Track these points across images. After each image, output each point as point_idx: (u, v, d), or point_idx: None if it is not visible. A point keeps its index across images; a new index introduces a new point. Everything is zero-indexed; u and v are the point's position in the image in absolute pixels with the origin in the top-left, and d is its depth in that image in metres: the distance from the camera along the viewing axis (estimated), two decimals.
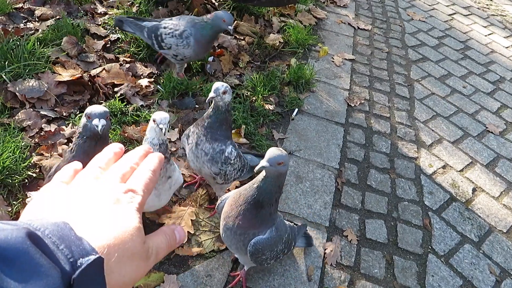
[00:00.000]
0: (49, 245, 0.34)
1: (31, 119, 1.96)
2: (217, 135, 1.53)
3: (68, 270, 0.33)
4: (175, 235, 0.49)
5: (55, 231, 0.35)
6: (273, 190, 1.26)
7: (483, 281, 1.85)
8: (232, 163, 1.59)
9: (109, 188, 0.45)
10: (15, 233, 0.32)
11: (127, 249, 0.40)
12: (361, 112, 2.68)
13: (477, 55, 3.75)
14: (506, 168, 2.52)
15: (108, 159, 0.52)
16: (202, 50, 2.26)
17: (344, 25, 3.68)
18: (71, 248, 0.35)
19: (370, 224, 1.97)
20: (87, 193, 0.45)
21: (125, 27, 2.33)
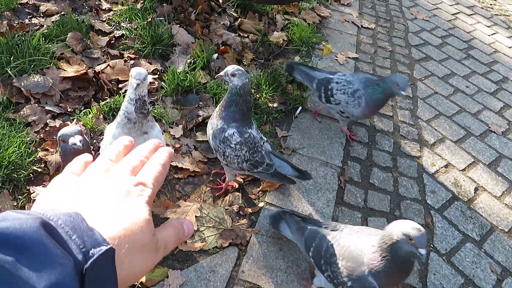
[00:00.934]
0: (62, 235, 0.34)
1: (36, 115, 1.98)
2: (224, 114, 1.62)
3: (80, 260, 0.34)
4: (183, 228, 0.50)
5: (68, 221, 0.36)
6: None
7: (484, 279, 1.86)
8: (232, 147, 1.63)
9: (120, 181, 0.46)
10: (30, 222, 0.33)
11: (137, 240, 0.41)
12: None
13: (480, 54, 3.75)
14: (508, 167, 2.52)
15: (118, 151, 0.53)
16: (370, 113, 2.19)
17: (348, 23, 3.68)
18: (83, 239, 0.35)
19: (373, 222, 1.98)
20: (98, 185, 0.46)
21: (294, 73, 2.38)
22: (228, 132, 1.62)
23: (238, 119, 1.62)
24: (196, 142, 2.10)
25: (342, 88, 2.15)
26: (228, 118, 1.62)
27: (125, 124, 1.43)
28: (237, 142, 1.63)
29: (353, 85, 2.13)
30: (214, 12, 3.09)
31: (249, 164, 1.68)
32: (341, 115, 2.24)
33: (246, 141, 1.64)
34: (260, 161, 1.68)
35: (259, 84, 2.50)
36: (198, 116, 2.21)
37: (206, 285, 1.55)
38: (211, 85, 2.38)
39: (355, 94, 2.12)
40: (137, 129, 1.44)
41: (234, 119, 1.62)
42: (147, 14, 2.77)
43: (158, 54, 2.54)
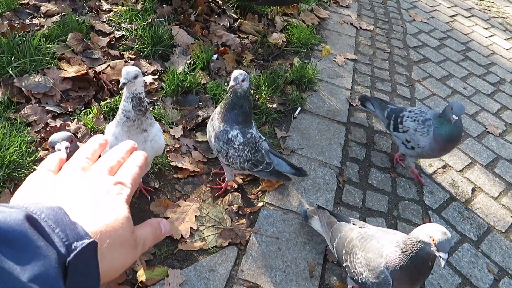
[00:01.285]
0: (45, 228, 0.35)
1: (37, 114, 1.99)
2: (227, 117, 1.64)
3: (63, 253, 0.34)
4: (160, 226, 0.51)
5: (51, 215, 0.36)
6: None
7: (482, 279, 1.87)
8: (236, 147, 1.66)
9: (99, 179, 0.47)
10: (14, 215, 0.33)
11: (118, 236, 0.42)
12: (362, 112, 2.70)
13: (477, 56, 3.78)
14: (505, 168, 2.54)
15: (94, 150, 0.54)
16: (439, 147, 2.04)
17: (347, 25, 3.70)
18: (66, 232, 0.36)
19: (371, 222, 1.99)
20: (78, 182, 0.46)
21: (367, 103, 2.41)
22: (231, 133, 1.65)
23: (241, 121, 1.66)
24: (195, 142, 2.12)
25: (414, 115, 2.10)
26: (231, 120, 1.65)
27: (125, 122, 1.44)
28: (240, 143, 1.67)
29: (426, 115, 2.07)
30: (214, 13, 3.10)
31: (250, 163, 1.72)
32: (406, 146, 2.13)
33: (249, 142, 1.68)
34: (261, 160, 1.73)
35: (258, 85, 2.52)
36: (198, 117, 2.22)
37: (205, 284, 1.56)
38: (211, 85, 2.40)
39: (425, 122, 2.05)
40: (136, 127, 1.45)
41: (236, 122, 1.65)
42: (147, 15, 2.79)
43: (158, 55, 2.56)
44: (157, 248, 1.63)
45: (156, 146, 1.55)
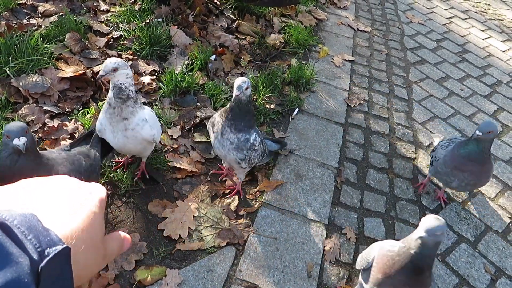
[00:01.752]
0: (18, 235, 0.35)
1: (35, 114, 1.98)
2: (241, 126, 1.63)
3: (36, 259, 0.34)
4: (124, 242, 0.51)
5: (24, 222, 0.36)
6: (431, 256, 1.27)
7: (479, 279, 1.88)
8: (256, 148, 1.70)
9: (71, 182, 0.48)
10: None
11: (91, 241, 0.42)
12: (360, 113, 2.71)
13: (474, 58, 3.79)
14: (502, 169, 2.56)
15: None
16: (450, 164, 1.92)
17: (344, 26, 3.71)
18: (39, 238, 0.35)
19: (369, 222, 2.00)
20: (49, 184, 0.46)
21: None
22: (252, 138, 1.67)
23: (253, 123, 1.69)
24: (193, 142, 2.11)
25: (445, 144, 2.05)
26: (247, 127, 1.65)
27: (107, 109, 1.53)
28: (259, 142, 1.71)
29: (457, 139, 2.03)
30: (212, 14, 3.11)
31: (261, 156, 1.79)
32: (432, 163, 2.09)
33: (262, 138, 1.77)
34: (267, 149, 1.84)
35: (256, 86, 2.52)
36: (196, 117, 2.22)
37: (203, 284, 1.56)
38: (209, 86, 2.40)
39: (450, 141, 2.05)
40: (116, 115, 1.52)
41: (250, 126, 1.66)
42: (145, 15, 2.79)
43: (156, 55, 2.56)
44: (155, 248, 1.63)
45: (138, 135, 1.58)
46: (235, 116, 1.60)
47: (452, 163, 1.91)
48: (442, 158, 1.96)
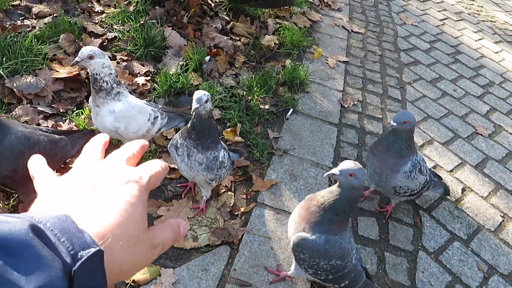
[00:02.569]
0: (50, 238, 0.34)
1: (29, 115, 1.98)
2: (207, 143, 1.55)
3: (69, 262, 0.34)
4: (179, 228, 0.50)
5: (57, 224, 0.36)
6: (345, 202, 1.30)
7: (471, 277, 1.90)
8: (225, 165, 1.65)
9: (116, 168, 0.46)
10: (19, 225, 0.33)
11: (131, 236, 0.41)
12: (354, 113, 2.72)
13: (467, 59, 3.83)
14: (494, 169, 2.58)
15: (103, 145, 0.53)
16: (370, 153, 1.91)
17: (338, 28, 3.73)
18: (72, 241, 0.35)
19: (363, 221, 2.01)
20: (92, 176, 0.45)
21: None
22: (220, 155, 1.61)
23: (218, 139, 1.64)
24: None
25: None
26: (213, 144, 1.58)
27: (92, 94, 1.63)
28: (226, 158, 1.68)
29: None
30: (206, 15, 3.12)
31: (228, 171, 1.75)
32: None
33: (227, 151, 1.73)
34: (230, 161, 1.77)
35: (251, 86, 2.53)
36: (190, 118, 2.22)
37: (198, 283, 1.56)
38: (204, 87, 2.40)
39: None
40: (92, 100, 1.64)
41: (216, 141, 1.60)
42: (140, 16, 2.79)
43: (151, 56, 2.56)
44: None
45: (102, 124, 1.66)
46: (199, 134, 1.51)
47: (370, 146, 1.95)
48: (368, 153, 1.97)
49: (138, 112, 1.72)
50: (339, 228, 1.35)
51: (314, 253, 1.35)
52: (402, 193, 1.86)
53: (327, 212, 1.32)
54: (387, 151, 1.80)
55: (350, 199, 1.30)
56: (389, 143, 1.79)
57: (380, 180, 1.85)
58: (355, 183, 1.27)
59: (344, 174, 1.24)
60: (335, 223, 1.34)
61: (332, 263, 1.36)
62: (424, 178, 1.86)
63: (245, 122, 2.29)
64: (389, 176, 1.81)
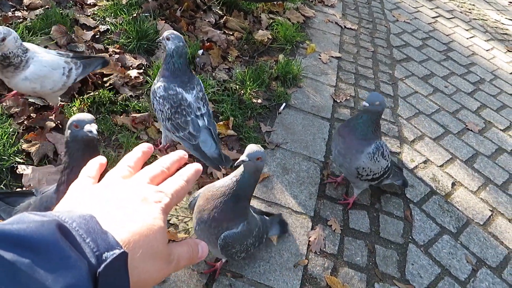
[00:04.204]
0: (76, 238, 0.35)
1: (19, 106, 1.96)
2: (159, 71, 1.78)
3: (94, 264, 0.34)
4: (197, 248, 0.49)
5: (82, 224, 0.36)
6: (251, 184, 1.33)
7: (460, 269, 1.92)
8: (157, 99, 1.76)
9: (138, 187, 0.46)
10: (46, 224, 0.33)
11: (151, 247, 0.41)
12: (346, 108, 2.74)
13: (459, 56, 3.86)
14: (484, 164, 2.61)
15: (137, 158, 0.53)
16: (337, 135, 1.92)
17: (332, 24, 3.74)
18: (97, 242, 0.35)
19: (354, 214, 2.03)
20: (115, 190, 0.46)
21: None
22: (157, 84, 1.75)
23: (168, 76, 1.73)
24: None
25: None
26: (160, 75, 1.77)
27: None
28: (160, 95, 1.73)
29: None
30: (200, 9, 3.11)
31: (171, 124, 1.74)
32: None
33: (169, 98, 1.71)
34: (182, 125, 1.73)
35: (243, 80, 2.53)
36: None
37: (190, 275, 1.57)
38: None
39: None
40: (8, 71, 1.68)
41: (163, 75, 1.74)
42: (133, 9, 2.78)
43: (144, 49, 2.55)
44: None
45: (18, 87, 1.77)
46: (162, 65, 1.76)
47: (338, 127, 1.96)
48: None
49: (51, 69, 1.77)
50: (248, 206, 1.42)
51: (243, 241, 1.41)
52: (365, 176, 1.86)
53: (239, 200, 1.33)
54: (353, 132, 1.82)
55: (255, 180, 1.34)
56: (357, 125, 1.81)
57: (344, 160, 1.87)
58: (261, 165, 1.31)
59: (252, 159, 1.27)
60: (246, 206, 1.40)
61: (254, 236, 1.46)
62: (385, 163, 1.88)
63: (237, 116, 2.29)
64: (353, 157, 1.83)
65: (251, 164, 1.27)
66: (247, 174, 1.30)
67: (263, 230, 1.55)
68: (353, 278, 1.75)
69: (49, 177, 1.68)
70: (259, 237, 1.52)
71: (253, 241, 1.48)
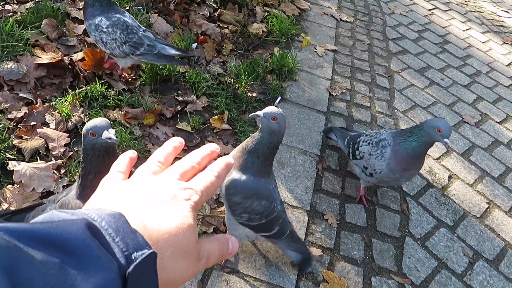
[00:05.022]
0: (105, 237, 0.34)
1: (8, 102, 1.93)
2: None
3: (123, 264, 0.33)
4: (228, 244, 0.48)
5: (112, 223, 0.35)
6: (265, 144, 1.35)
7: (457, 262, 1.91)
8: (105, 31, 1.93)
9: (167, 184, 0.45)
10: (76, 223, 0.33)
11: (181, 246, 0.40)
12: (342, 101, 2.72)
13: (455, 49, 3.84)
14: (480, 157, 2.60)
15: (167, 153, 0.52)
16: (401, 167, 1.77)
17: (327, 16, 3.71)
18: (126, 241, 0.35)
19: (350, 208, 2.01)
20: (144, 187, 0.45)
21: (331, 134, 2.22)
22: (96, 20, 1.90)
23: (101, 10, 1.91)
24: (175, 130, 2.09)
25: (369, 139, 1.89)
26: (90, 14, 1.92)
27: None
28: (107, 25, 1.87)
29: (381, 136, 1.86)
30: (194, 2, 3.07)
31: (129, 46, 1.92)
32: (365, 173, 1.91)
33: (116, 24, 1.89)
34: (139, 42, 1.94)
35: (238, 74, 2.50)
36: (177, 105, 2.19)
37: None
38: (190, 74, 2.37)
39: (379, 144, 1.82)
40: None
41: (95, 14, 1.91)
42: (125, 2, 2.74)
43: None
44: None
45: None
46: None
47: (401, 167, 1.78)
48: (386, 168, 1.79)
49: None
50: (262, 172, 1.41)
51: (247, 193, 1.40)
52: None
53: (250, 155, 1.37)
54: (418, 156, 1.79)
55: (270, 143, 1.35)
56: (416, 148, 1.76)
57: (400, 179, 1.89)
58: (276, 127, 1.32)
59: (267, 117, 1.30)
60: (258, 166, 1.39)
61: (263, 203, 1.41)
62: None
63: (232, 110, 2.27)
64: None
65: (265, 121, 1.31)
66: (263, 133, 1.33)
67: (276, 216, 1.46)
68: (349, 272, 1.74)
69: (40, 173, 1.65)
70: (269, 213, 1.44)
71: (259, 209, 1.41)
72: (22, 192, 1.60)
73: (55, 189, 1.64)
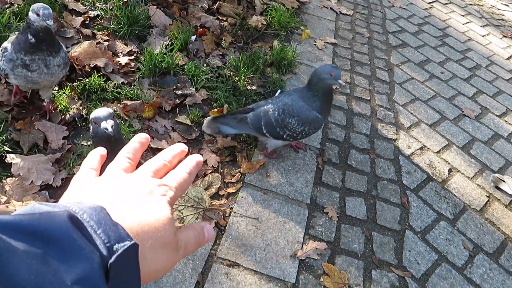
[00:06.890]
0: (87, 229, 0.34)
1: (4, 96, 1.90)
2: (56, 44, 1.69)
3: (105, 255, 0.34)
4: (203, 231, 0.49)
5: (93, 215, 0.36)
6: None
7: (457, 256, 1.91)
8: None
9: (143, 180, 0.46)
10: (58, 215, 0.33)
11: (160, 237, 0.41)
12: (342, 95, 2.70)
13: (455, 42, 3.83)
14: (480, 150, 2.60)
15: (135, 149, 0.53)
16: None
17: (327, 9, 3.68)
18: (108, 233, 0.35)
19: (350, 201, 2.01)
20: (120, 183, 0.46)
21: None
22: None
23: None
24: (174, 123, 2.08)
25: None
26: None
27: None
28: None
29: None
30: None
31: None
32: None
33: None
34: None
35: (237, 67, 2.49)
36: (176, 98, 2.18)
37: (185, 263, 1.54)
38: (189, 66, 2.35)
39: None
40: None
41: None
42: None
43: (135, 35, 2.49)
44: None
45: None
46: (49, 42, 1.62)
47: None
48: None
49: None
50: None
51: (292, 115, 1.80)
52: None
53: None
54: None
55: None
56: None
57: None
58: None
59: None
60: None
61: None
62: None
63: (232, 103, 2.25)
64: None
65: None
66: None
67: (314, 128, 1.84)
68: (350, 266, 1.74)
69: (39, 166, 1.63)
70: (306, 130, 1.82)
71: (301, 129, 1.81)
72: (21, 185, 1.58)
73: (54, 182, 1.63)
